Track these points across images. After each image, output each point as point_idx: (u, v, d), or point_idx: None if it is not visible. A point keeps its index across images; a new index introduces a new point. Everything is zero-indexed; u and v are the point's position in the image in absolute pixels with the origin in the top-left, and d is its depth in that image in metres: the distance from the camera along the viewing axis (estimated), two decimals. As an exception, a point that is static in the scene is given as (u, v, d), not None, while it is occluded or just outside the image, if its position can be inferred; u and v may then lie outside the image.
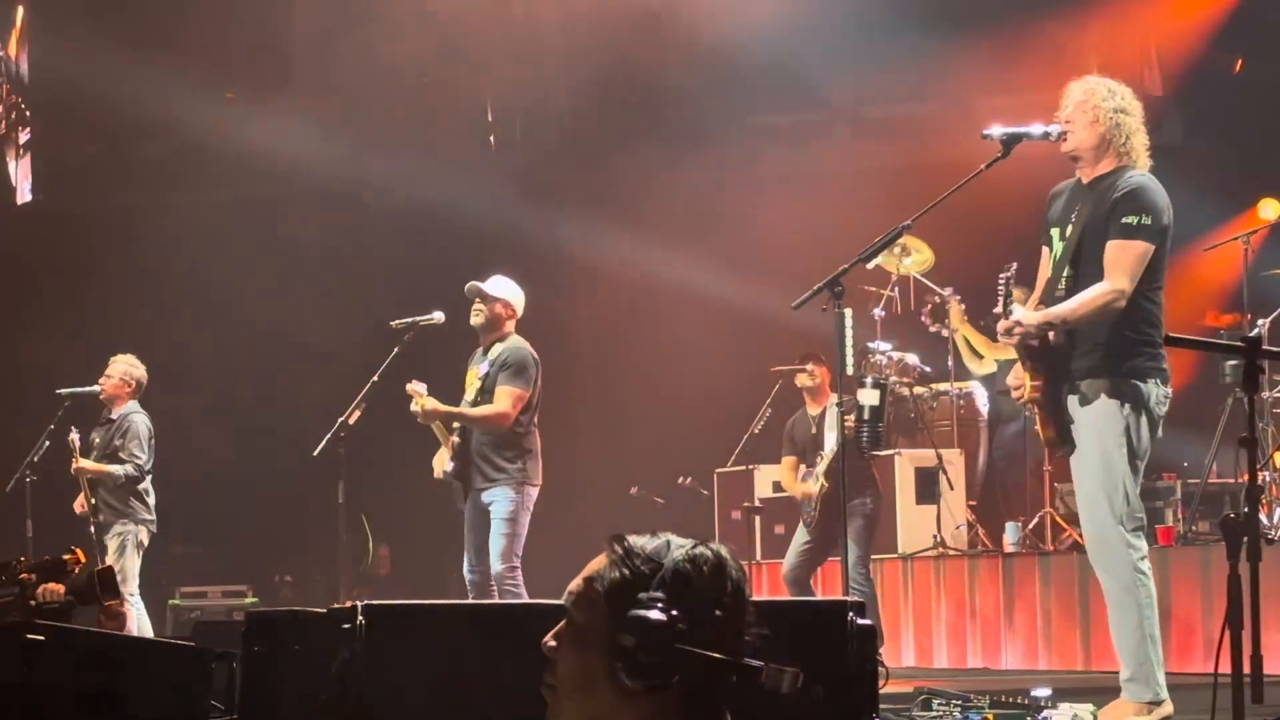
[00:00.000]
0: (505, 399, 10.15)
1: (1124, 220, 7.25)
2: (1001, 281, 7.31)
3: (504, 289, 10.42)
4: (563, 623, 3.03)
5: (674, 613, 2.94)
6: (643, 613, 2.92)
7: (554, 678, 3.01)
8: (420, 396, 10.20)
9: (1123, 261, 7.24)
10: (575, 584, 3.03)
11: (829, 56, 15.85)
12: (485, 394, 10.26)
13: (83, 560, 6.91)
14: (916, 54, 15.57)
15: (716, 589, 3.01)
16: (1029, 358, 7.40)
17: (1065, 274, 7.37)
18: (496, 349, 10.31)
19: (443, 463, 10.35)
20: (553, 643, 3.02)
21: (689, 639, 2.93)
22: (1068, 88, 7.56)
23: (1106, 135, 7.42)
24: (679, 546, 3.02)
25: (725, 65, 16.08)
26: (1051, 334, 7.37)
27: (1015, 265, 7.33)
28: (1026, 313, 7.30)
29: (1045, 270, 7.63)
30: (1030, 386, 7.38)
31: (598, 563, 3.03)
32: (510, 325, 10.41)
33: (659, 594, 2.95)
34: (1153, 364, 7.34)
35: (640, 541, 3.02)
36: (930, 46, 15.43)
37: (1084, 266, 7.29)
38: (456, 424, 10.31)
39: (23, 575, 6.73)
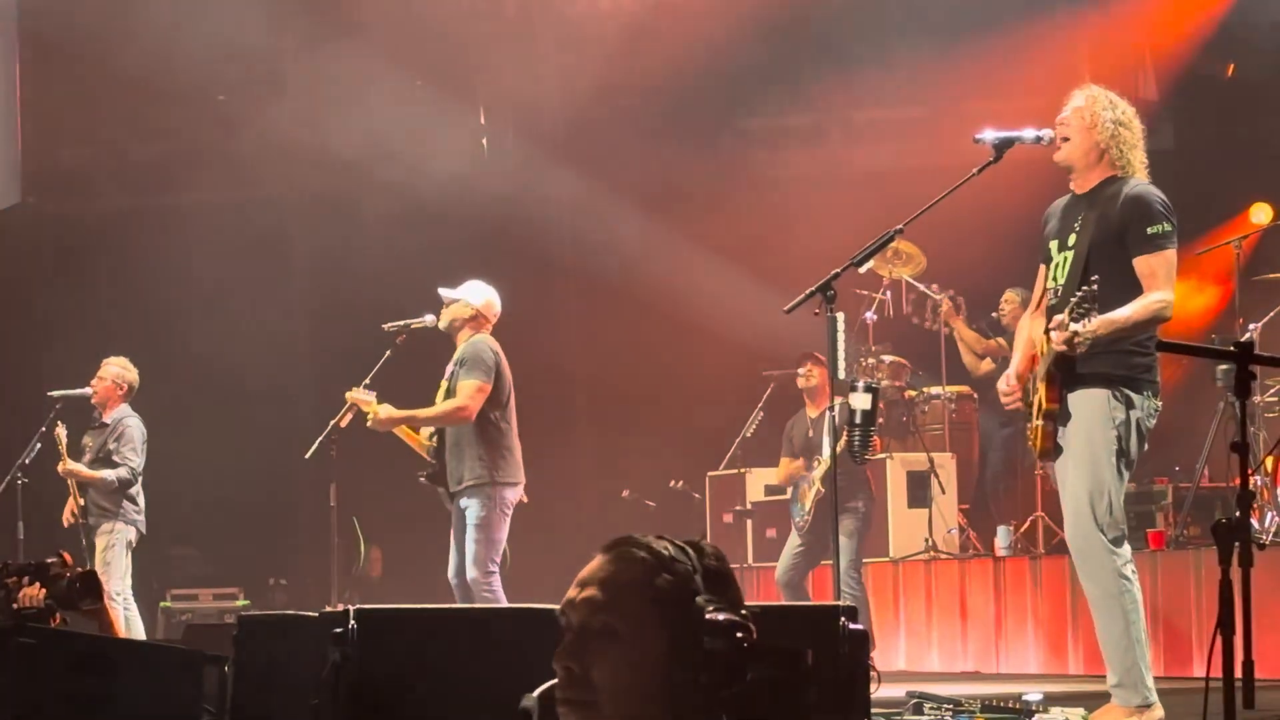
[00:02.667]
0: (464, 392, 10.08)
1: (1149, 231, 7.20)
2: (1081, 293, 7.04)
3: (466, 292, 10.42)
4: (581, 637, 2.94)
5: (743, 611, 2.94)
6: (721, 616, 2.91)
7: (590, 692, 2.91)
8: (366, 405, 10.17)
9: (1162, 272, 7.19)
10: (602, 595, 2.94)
11: (820, 60, 15.87)
12: (450, 394, 10.24)
13: (70, 563, 6.90)
14: (908, 57, 15.59)
15: (738, 585, 3.03)
16: (1059, 369, 7.30)
17: (1068, 280, 7.28)
18: (459, 350, 10.32)
19: (419, 444, 10.36)
20: (578, 666, 2.93)
21: (754, 636, 2.94)
22: (1071, 94, 7.53)
23: (1101, 144, 7.38)
24: (686, 546, 3.02)
25: (716, 68, 16.09)
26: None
27: (1097, 278, 7.07)
28: (1084, 324, 7.00)
29: (1042, 285, 7.59)
30: (1047, 398, 7.30)
31: (621, 569, 2.97)
32: (480, 326, 10.37)
33: (710, 595, 2.94)
34: (1146, 375, 7.31)
35: (655, 545, 3.00)
36: (923, 50, 15.44)
37: (1092, 272, 7.21)
38: (425, 426, 10.30)
39: (9, 579, 6.73)
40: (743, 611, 2.95)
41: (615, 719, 2.92)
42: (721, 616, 2.91)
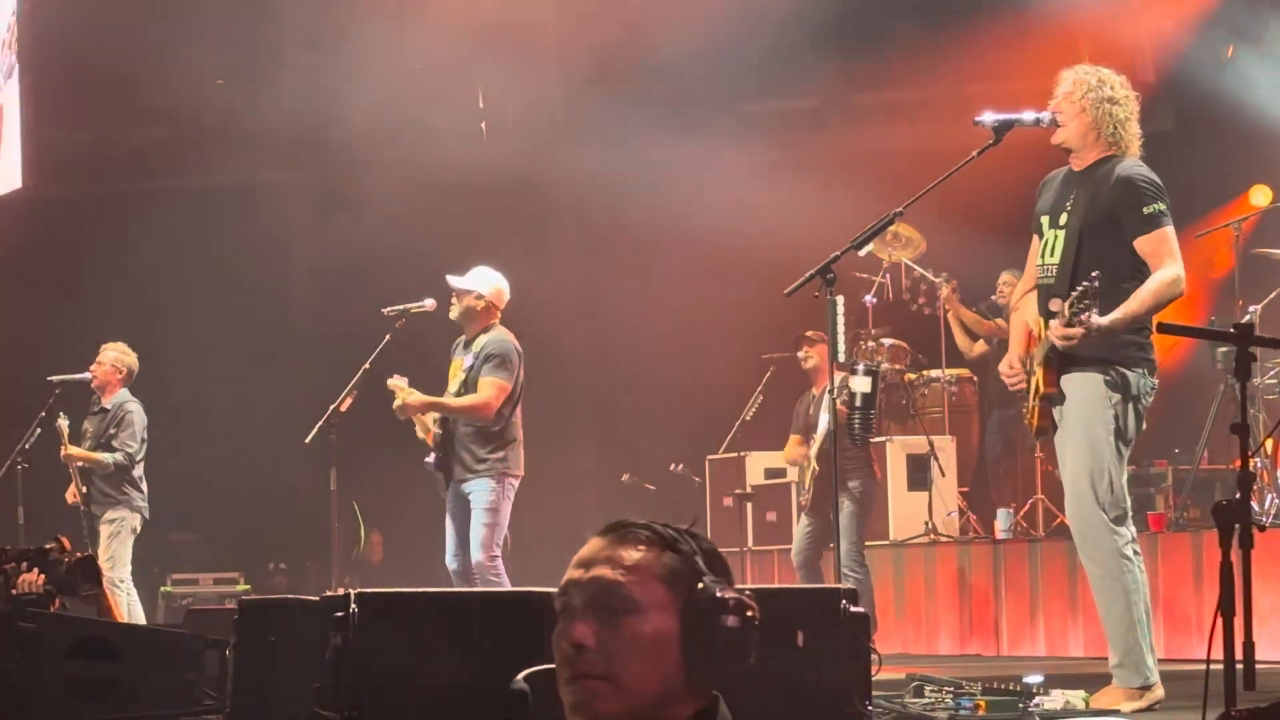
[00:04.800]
0: (488, 389, 10.14)
1: (1145, 212, 7.22)
2: (1081, 289, 7.05)
3: (477, 281, 10.38)
4: (594, 615, 2.95)
5: (746, 591, 2.98)
6: (732, 594, 2.95)
7: (608, 666, 2.93)
8: (401, 390, 10.19)
9: (1165, 250, 7.22)
10: (613, 572, 2.95)
11: (821, 43, 15.84)
12: (469, 386, 10.24)
13: (68, 548, 6.90)
14: (909, 40, 15.57)
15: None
16: (1057, 356, 7.29)
17: (1062, 260, 7.31)
18: (480, 341, 10.29)
19: (426, 431, 10.36)
20: (591, 641, 2.94)
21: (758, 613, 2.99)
22: (1059, 75, 7.55)
23: (1095, 125, 7.40)
24: (677, 527, 3.04)
25: (717, 52, 16.06)
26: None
27: (1098, 274, 7.04)
28: (1098, 319, 7.01)
29: (1034, 258, 7.60)
30: (1044, 382, 7.32)
31: (628, 548, 2.98)
32: (492, 316, 10.37)
33: (714, 576, 2.98)
34: (1141, 354, 7.33)
35: (656, 526, 3.03)
36: (923, 33, 15.43)
37: (1085, 254, 7.25)
38: (437, 414, 10.31)
39: (7, 565, 6.73)
40: (746, 591, 2.99)
41: (634, 692, 2.94)
42: (730, 594, 2.95)
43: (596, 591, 2.96)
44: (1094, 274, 7.04)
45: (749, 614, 2.95)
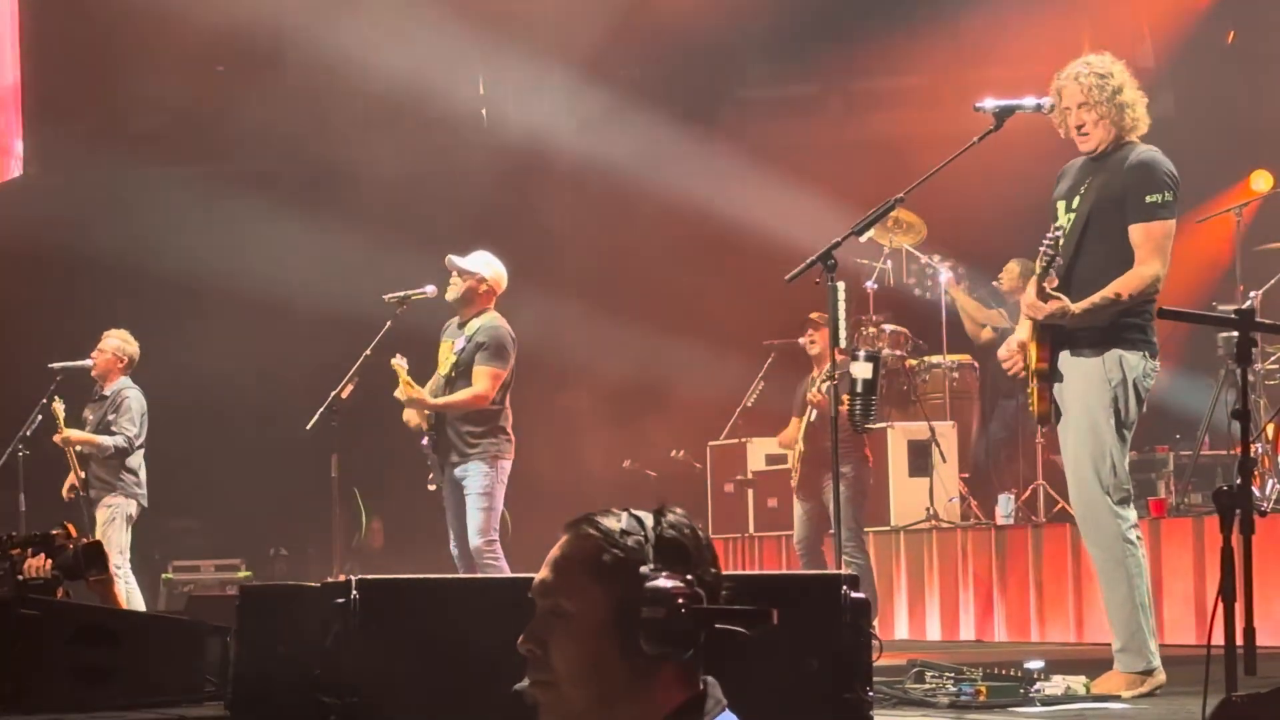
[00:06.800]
0: (484, 379, 10.11)
1: (1148, 200, 7.21)
2: (1049, 243, 7.18)
3: (480, 263, 10.36)
4: (539, 620, 2.96)
5: (689, 577, 2.92)
6: (661, 584, 2.90)
7: (550, 673, 2.93)
8: (405, 379, 10.17)
9: (1153, 244, 7.20)
10: (552, 576, 2.96)
11: (821, 29, 15.83)
12: (461, 369, 10.22)
13: (74, 535, 6.91)
14: (910, 26, 15.55)
15: (704, 550, 3.00)
16: (1048, 329, 7.32)
17: (1066, 241, 7.31)
18: (474, 325, 10.26)
19: (413, 417, 10.35)
20: (537, 648, 2.95)
21: (703, 602, 2.92)
22: (1060, 83, 7.47)
23: (1114, 123, 7.38)
24: (647, 516, 3.01)
25: (716, 39, 16.05)
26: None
27: (1059, 230, 7.22)
28: (1067, 302, 7.16)
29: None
30: (1037, 358, 7.33)
31: (571, 549, 2.98)
32: (489, 301, 10.35)
33: (657, 565, 2.93)
34: (1142, 336, 7.32)
35: (607, 521, 3.00)
36: (924, 19, 15.41)
37: (1090, 237, 7.26)
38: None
39: (13, 550, 6.74)
40: (688, 577, 2.93)
41: (575, 697, 2.93)
42: (658, 584, 2.90)
43: (539, 596, 2.98)
44: (1056, 227, 7.11)
45: (679, 603, 2.89)
